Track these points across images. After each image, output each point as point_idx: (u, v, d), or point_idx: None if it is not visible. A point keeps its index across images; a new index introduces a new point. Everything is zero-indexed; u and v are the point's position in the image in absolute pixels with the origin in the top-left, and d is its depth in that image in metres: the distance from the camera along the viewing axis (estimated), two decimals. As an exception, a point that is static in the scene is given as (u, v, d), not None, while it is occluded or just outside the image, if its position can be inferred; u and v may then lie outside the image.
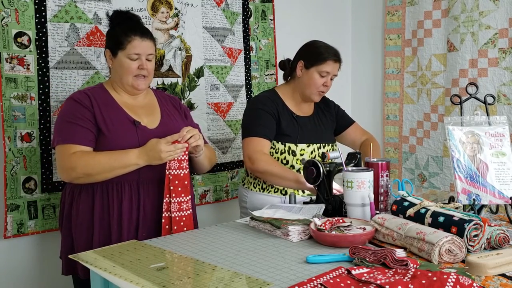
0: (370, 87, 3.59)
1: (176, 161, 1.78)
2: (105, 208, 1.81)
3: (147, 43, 1.88)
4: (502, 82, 2.87)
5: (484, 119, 1.75)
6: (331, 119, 2.40)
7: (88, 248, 1.77)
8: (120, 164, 1.75)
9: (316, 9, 3.41)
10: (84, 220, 1.82)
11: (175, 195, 1.79)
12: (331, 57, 2.20)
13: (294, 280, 1.19)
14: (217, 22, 2.78)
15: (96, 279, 1.39)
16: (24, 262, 2.24)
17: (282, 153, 2.20)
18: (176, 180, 1.79)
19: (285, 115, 2.23)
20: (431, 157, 3.23)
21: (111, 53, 1.89)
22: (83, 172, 1.74)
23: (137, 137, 1.84)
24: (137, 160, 1.76)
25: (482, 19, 2.91)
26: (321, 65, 2.18)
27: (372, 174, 1.70)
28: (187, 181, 1.82)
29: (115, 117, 1.84)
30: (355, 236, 1.46)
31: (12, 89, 2.11)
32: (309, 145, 2.22)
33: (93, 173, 1.74)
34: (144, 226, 1.83)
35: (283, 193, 2.22)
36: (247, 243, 1.52)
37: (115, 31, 1.89)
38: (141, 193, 1.84)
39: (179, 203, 1.79)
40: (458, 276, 1.09)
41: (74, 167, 1.74)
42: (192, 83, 2.70)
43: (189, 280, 1.21)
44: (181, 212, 1.80)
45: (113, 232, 1.80)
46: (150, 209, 1.85)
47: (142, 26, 1.94)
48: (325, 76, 2.20)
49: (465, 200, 1.64)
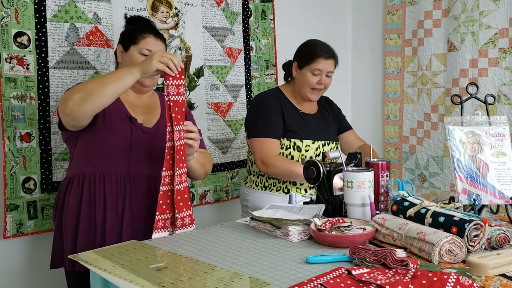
0: (370, 87, 3.59)
1: (177, 132, 1.69)
2: (92, 200, 1.82)
3: (160, 44, 1.93)
4: (502, 82, 2.87)
5: (484, 119, 1.75)
6: (334, 118, 2.42)
7: (74, 241, 1.81)
8: (115, 76, 1.70)
9: (316, 9, 3.41)
10: (72, 212, 1.83)
11: (178, 168, 1.68)
12: (322, 55, 2.21)
13: (294, 280, 1.19)
14: (217, 22, 2.78)
15: (95, 279, 1.39)
16: (24, 262, 2.23)
17: (287, 149, 2.22)
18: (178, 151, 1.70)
19: (290, 111, 2.25)
20: (432, 157, 3.23)
21: (123, 48, 1.92)
22: (80, 90, 1.70)
23: (130, 132, 1.85)
24: (129, 69, 1.70)
25: (482, 19, 2.91)
26: (312, 64, 2.21)
27: (372, 174, 1.70)
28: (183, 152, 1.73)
29: (113, 110, 1.85)
30: (355, 236, 1.46)
31: (12, 89, 2.11)
32: (314, 142, 2.24)
33: (88, 90, 1.68)
34: (128, 224, 1.82)
35: (285, 191, 2.23)
36: (247, 243, 1.51)
37: (131, 28, 1.95)
38: (127, 187, 1.83)
39: (179, 175, 1.70)
40: (458, 276, 1.09)
41: (73, 90, 1.73)
42: (192, 83, 2.70)
43: (189, 280, 1.21)
44: (181, 184, 1.70)
45: (97, 227, 1.80)
46: (136, 204, 1.84)
47: (156, 29, 1.98)
48: (318, 74, 2.21)
49: (465, 200, 1.63)
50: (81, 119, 1.74)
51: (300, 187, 2.23)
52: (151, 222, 1.79)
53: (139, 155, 1.87)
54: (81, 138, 1.86)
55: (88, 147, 1.86)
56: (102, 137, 1.83)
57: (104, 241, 1.78)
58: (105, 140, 1.84)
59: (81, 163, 1.87)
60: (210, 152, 2.77)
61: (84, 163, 1.86)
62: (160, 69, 1.66)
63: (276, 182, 2.25)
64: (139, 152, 1.87)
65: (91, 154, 1.86)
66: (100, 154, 1.84)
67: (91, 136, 1.84)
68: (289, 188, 2.23)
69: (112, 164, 1.84)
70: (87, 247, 1.73)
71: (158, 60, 1.65)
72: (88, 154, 1.86)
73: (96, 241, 1.79)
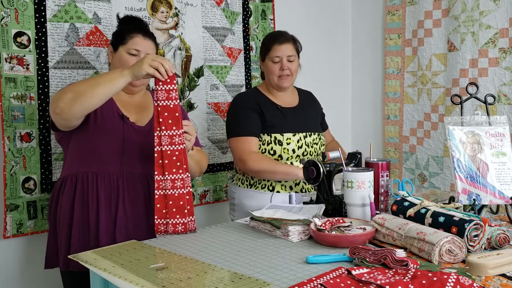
0: (370, 87, 3.59)
1: (167, 137, 1.67)
2: (85, 200, 1.81)
3: (148, 43, 1.93)
4: (502, 82, 2.87)
5: (484, 119, 1.75)
6: (317, 111, 2.46)
7: (68, 241, 1.80)
8: (106, 78, 1.69)
9: (316, 9, 3.40)
10: (66, 212, 1.83)
11: (168, 173, 1.67)
12: (274, 42, 2.26)
13: (294, 280, 1.19)
14: (217, 22, 2.78)
15: (95, 279, 1.39)
16: (24, 262, 2.23)
17: (268, 144, 2.23)
18: (170, 156, 1.67)
19: (269, 107, 2.28)
20: (432, 157, 3.23)
21: (113, 48, 1.93)
22: (71, 90, 1.69)
23: (122, 131, 1.85)
24: (121, 71, 1.69)
25: (482, 19, 2.91)
26: (270, 52, 2.26)
27: (372, 174, 1.70)
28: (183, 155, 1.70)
29: (105, 110, 1.84)
30: (355, 236, 1.46)
31: (12, 89, 2.11)
32: (295, 134, 2.25)
33: (79, 91, 1.67)
34: (121, 224, 1.81)
35: (270, 189, 2.23)
36: (247, 243, 1.51)
37: (121, 29, 1.96)
38: (120, 186, 1.83)
39: (172, 180, 1.67)
40: (458, 276, 1.09)
41: (64, 91, 1.72)
42: (192, 83, 2.70)
43: (189, 280, 1.21)
44: (175, 190, 1.66)
45: (91, 227, 1.80)
46: (130, 204, 1.83)
47: (146, 28, 1.98)
48: (278, 62, 2.25)
49: (465, 200, 1.63)
50: (72, 120, 1.74)
51: (285, 184, 2.23)
52: (145, 222, 1.79)
53: (131, 154, 1.86)
54: (73, 137, 1.86)
55: (81, 147, 1.86)
56: (94, 137, 1.83)
57: (98, 241, 1.78)
58: (97, 139, 1.83)
59: (74, 163, 1.87)
60: (210, 152, 2.77)
61: (77, 162, 1.86)
62: (151, 73, 1.65)
63: (261, 180, 2.25)
64: (132, 151, 1.86)
65: (83, 153, 1.85)
66: (92, 154, 1.84)
67: (83, 135, 1.84)
68: (274, 186, 2.23)
69: (105, 163, 1.83)
70: (80, 247, 1.73)
71: (148, 64, 1.64)
72: (81, 153, 1.86)
73: (90, 241, 1.79)
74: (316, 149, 2.29)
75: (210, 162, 2.73)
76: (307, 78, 2.75)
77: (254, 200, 2.21)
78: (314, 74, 3.24)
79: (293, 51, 2.27)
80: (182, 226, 1.66)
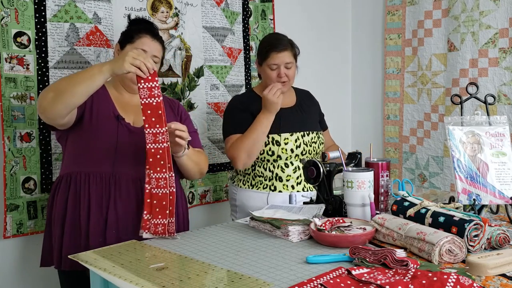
0: (370, 87, 3.59)
1: (151, 135, 1.66)
2: (77, 200, 1.81)
3: (156, 45, 1.93)
4: (502, 82, 2.87)
5: (484, 119, 1.75)
6: (315, 111, 2.45)
7: (60, 240, 1.81)
8: (86, 75, 1.67)
9: (316, 9, 3.40)
10: (59, 211, 1.83)
11: (153, 171, 1.67)
12: (272, 50, 2.23)
13: (294, 280, 1.19)
14: (217, 22, 2.78)
15: (95, 279, 1.39)
16: (24, 262, 2.23)
17: (266, 145, 2.22)
18: (155, 153, 1.66)
19: None
20: (432, 157, 3.23)
21: (120, 46, 1.93)
22: (52, 89, 1.69)
23: (116, 131, 1.84)
24: (100, 67, 1.66)
25: (482, 19, 2.91)
26: (267, 59, 2.24)
27: (372, 174, 1.70)
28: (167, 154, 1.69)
29: (101, 109, 1.85)
30: (355, 236, 1.46)
31: (12, 89, 2.11)
32: (292, 134, 2.25)
33: (60, 89, 1.66)
34: (112, 224, 1.81)
35: (272, 189, 2.23)
36: (247, 243, 1.51)
37: (130, 28, 1.97)
38: (112, 187, 1.82)
39: (156, 179, 1.67)
40: (458, 276, 1.09)
41: (47, 90, 1.72)
42: (192, 83, 2.70)
43: (189, 280, 1.21)
44: (159, 189, 1.66)
45: (82, 227, 1.80)
46: (121, 205, 1.82)
47: (156, 31, 1.98)
48: (276, 69, 2.23)
49: (465, 200, 1.63)
50: (56, 118, 1.73)
51: (287, 183, 2.23)
52: (136, 223, 1.77)
53: (124, 155, 1.84)
54: (70, 137, 1.87)
55: (76, 146, 1.86)
56: (88, 136, 1.83)
57: (88, 241, 1.77)
58: (91, 139, 1.83)
59: (70, 162, 1.87)
60: (210, 152, 2.77)
61: (72, 162, 1.86)
62: (132, 72, 1.64)
63: (262, 180, 2.25)
64: (125, 151, 1.84)
65: (78, 153, 1.85)
66: (85, 153, 1.84)
67: (79, 134, 1.84)
68: (276, 185, 2.23)
69: (97, 164, 1.82)
70: (72, 247, 1.73)
71: (130, 62, 1.63)
72: (76, 153, 1.86)
73: (81, 241, 1.78)
74: (315, 147, 2.29)
75: (210, 162, 2.73)
76: (307, 78, 2.75)
77: (256, 201, 2.20)
78: (314, 74, 3.24)
79: (290, 58, 2.24)
80: (162, 227, 1.64)
